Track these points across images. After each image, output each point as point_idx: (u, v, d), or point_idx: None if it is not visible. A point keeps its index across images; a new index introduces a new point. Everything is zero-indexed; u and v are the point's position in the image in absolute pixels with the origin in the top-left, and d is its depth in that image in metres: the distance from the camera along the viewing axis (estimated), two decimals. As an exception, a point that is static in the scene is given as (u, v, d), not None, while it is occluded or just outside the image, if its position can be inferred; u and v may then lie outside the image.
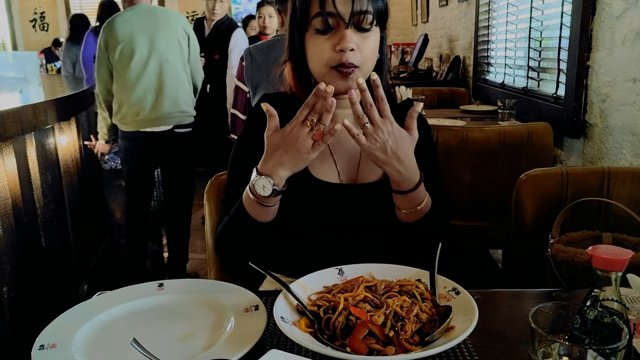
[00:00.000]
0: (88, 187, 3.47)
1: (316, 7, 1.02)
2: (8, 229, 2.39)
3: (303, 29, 1.07)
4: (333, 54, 1.02)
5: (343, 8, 1.00)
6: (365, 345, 0.73)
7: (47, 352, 0.76)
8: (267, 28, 3.97)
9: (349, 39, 1.01)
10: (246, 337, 0.78)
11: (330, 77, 1.04)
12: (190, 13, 9.30)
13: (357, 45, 1.02)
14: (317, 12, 1.01)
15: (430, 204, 1.06)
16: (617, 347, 0.59)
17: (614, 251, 0.69)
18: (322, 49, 1.03)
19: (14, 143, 2.39)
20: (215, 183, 1.39)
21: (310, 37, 1.05)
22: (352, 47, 1.01)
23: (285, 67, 1.15)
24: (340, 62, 1.02)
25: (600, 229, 1.39)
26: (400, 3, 8.61)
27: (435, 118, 2.92)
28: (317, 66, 1.06)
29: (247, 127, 1.19)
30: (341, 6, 1.00)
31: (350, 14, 1.00)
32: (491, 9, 3.73)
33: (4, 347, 2.26)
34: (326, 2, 1.01)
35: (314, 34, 1.04)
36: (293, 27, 1.09)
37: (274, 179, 0.97)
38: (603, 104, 2.15)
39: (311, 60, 1.07)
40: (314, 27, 1.04)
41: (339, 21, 1.01)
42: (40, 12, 9.85)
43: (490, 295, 0.96)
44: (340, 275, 0.91)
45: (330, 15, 1.01)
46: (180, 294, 0.94)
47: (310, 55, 1.07)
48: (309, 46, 1.06)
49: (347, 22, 1.01)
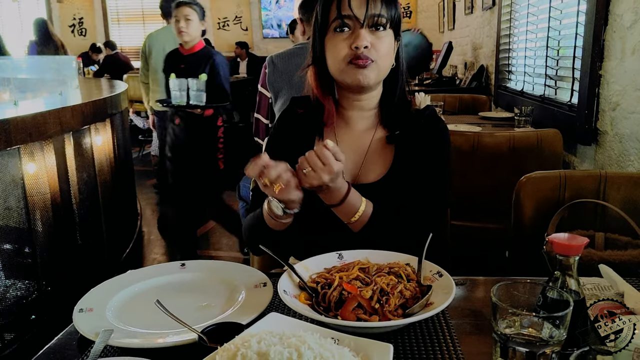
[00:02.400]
0: (120, 185, 3.63)
1: (334, 11, 1.15)
2: (47, 222, 2.56)
3: (323, 33, 1.20)
4: (349, 50, 1.14)
5: (358, 10, 1.14)
6: (355, 315, 0.84)
7: (85, 314, 0.90)
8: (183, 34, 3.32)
9: (363, 37, 1.13)
10: (254, 307, 0.90)
11: (347, 71, 1.16)
12: (222, 19, 9.54)
13: (372, 44, 1.14)
14: (335, 16, 1.15)
15: (370, 212, 1.12)
16: (561, 315, 0.69)
17: (571, 239, 0.79)
18: (340, 47, 1.16)
19: (54, 142, 2.56)
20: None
21: (330, 38, 1.18)
22: (366, 44, 1.13)
23: (308, 70, 1.27)
24: (356, 55, 1.14)
25: (595, 230, 1.47)
26: (428, 10, 8.70)
27: (453, 124, 3.01)
28: (335, 63, 1.18)
29: (277, 127, 1.35)
30: (357, 9, 1.14)
31: (364, 15, 1.13)
32: (513, 17, 3.80)
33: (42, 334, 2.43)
34: (342, 5, 1.14)
35: (332, 34, 1.17)
36: (315, 32, 1.22)
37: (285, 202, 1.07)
38: (613, 112, 2.22)
39: (330, 58, 1.19)
40: (333, 28, 1.17)
41: (355, 22, 1.14)
42: (79, 18, 10.23)
43: (476, 281, 1.06)
44: (340, 259, 1.03)
45: (347, 17, 1.14)
46: (199, 272, 1.08)
47: (329, 53, 1.19)
48: (328, 46, 1.19)
49: (362, 23, 1.13)
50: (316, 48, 1.23)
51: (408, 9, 8.87)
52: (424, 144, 1.25)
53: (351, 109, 1.27)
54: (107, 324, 0.88)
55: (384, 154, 1.24)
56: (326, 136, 1.27)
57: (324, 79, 1.24)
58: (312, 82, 1.27)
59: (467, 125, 2.99)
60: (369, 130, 1.28)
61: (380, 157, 1.24)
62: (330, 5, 1.16)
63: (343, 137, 1.27)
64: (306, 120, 1.28)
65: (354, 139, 1.27)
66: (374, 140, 1.27)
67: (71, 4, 9.92)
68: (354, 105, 1.26)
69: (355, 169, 1.25)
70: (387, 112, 1.27)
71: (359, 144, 1.27)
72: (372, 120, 1.28)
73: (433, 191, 1.21)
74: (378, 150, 1.26)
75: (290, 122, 1.32)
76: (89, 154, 3.06)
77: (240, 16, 9.49)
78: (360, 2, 1.14)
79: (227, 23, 9.57)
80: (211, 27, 9.57)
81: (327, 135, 1.27)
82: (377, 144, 1.27)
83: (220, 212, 3.84)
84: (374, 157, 1.24)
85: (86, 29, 10.28)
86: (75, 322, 0.88)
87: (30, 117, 2.39)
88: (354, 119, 1.28)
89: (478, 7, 4.89)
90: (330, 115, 1.26)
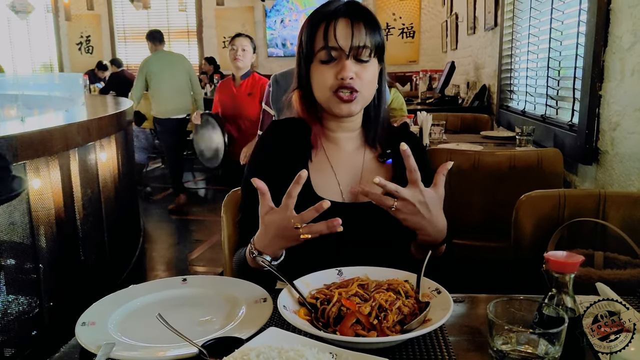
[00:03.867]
0: (124, 201, 3.66)
1: (320, 42, 1.17)
2: (50, 238, 2.58)
3: (309, 61, 1.22)
4: (335, 81, 1.17)
5: (344, 42, 1.16)
6: (353, 331, 0.85)
7: (87, 327, 0.91)
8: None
9: (348, 69, 1.15)
10: (254, 322, 0.91)
11: (333, 102, 1.19)
12: (227, 38, 9.65)
13: (357, 74, 1.17)
14: (321, 45, 1.17)
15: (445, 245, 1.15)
16: (555, 332, 0.70)
17: (567, 256, 0.80)
18: (326, 77, 1.18)
19: (59, 158, 2.59)
20: (232, 198, 1.53)
21: (316, 67, 1.20)
22: (351, 75, 1.16)
23: (293, 94, 1.30)
24: (342, 85, 1.16)
25: (595, 249, 1.47)
26: (431, 30, 8.79)
27: (454, 142, 3.03)
28: (321, 92, 1.20)
29: (257, 151, 1.32)
30: (342, 40, 1.16)
31: (349, 47, 1.16)
32: (514, 38, 3.84)
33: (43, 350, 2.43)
34: (329, 37, 1.16)
35: (318, 64, 1.19)
36: (300, 59, 1.24)
37: (270, 255, 1.07)
38: (614, 132, 2.23)
39: (316, 87, 1.22)
40: (319, 58, 1.19)
41: (341, 53, 1.17)
42: (86, 36, 10.37)
43: (475, 299, 1.07)
44: (340, 275, 1.04)
45: (333, 48, 1.16)
46: (200, 287, 1.09)
47: (315, 82, 1.22)
48: (314, 75, 1.21)
49: (348, 54, 1.16)
50: (302, 74, 1.25)
51: (411, 29, 8.96)
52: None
53: (338, 131, 1.29)
54: (109, 337, 0.89)
55: (380, 173, 1.26)
56: (315, 157, 1.27)
57: (310, 102, 1.26)
58: (298, 106, 1.29)
59: (468, 144, 3.01)
60: (359, 149, 1.30)
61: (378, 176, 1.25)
62: (315, 35, 1.18)
63: (335, 157, 1.28)
64: (292, 142, 1.28)
65: (346, 158, 1.29)
66: (365, 159, 1.29)
67: (79, 22, 10.06)
68: (340, 127, 1.28)
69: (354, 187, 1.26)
70: (373, 132, 1.29)
71: (352, 163, 1.29)
72: (359, 141, 1.31)
73: None
74: (374, 170, 1.27)
75: (274, 145, 1.29)
76: (94, 170, 3.09)
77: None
78: (346, 33, 1.16)
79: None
80: (216, 46, 9.68)
81: (317, 156, 1.27)
82: (370, 163, 1.29)
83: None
84: (371, 176, 1.24)
85: (93, 46, 10.41)
86: (78, 335, 0.89)
87: (37, 133, 2.42)
88: (342, 140, 1.30)
89: (480, 28, 4.94)
90: (318, 137, 1.27)
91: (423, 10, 8.89)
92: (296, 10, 9.27)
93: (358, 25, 1.16)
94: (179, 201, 5.35)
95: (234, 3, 9.34)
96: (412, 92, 7.08)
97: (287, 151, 1.27)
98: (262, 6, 9.23)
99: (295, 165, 1.21)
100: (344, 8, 1.19)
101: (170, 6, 9.86)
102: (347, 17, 1.17)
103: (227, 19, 9.55)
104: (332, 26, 1.16)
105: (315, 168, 1.25)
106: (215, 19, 9.61)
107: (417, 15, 8.92)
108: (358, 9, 1.20)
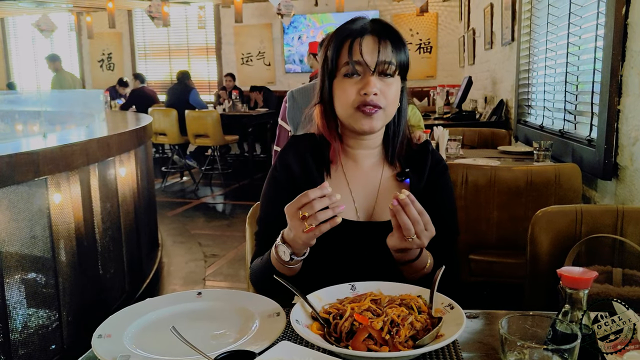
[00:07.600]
0: (142, 216, 3.70)
1: (345, 57, 1.17)
2: (70, 252, 2.61)
3: (332, 76, 1.21)
4: (358, 96, 1.16)
5: (369, 58, 1.16)
6: (365, 346, 0.86)
7: (104, 339, 0.93)
8: None
9: (373, 85, 1.15)
10: (267, 336, 0.92)
11: (355, 117, 1.18)
12: (245, 55, 9.77)
13: (381, 90, 1.16)
14: (346, 60, 1.17)
15: (432, 263, 1.14)
16: (568, 348, 0.69)
17: (581, 272, 0.80)
18: (349, 92, 1.17)
19: (79, 173, 2.64)
20: (255, 211, 1.54)
21: (339, 82, 1.20)
22: (375, 91, 1.15)
23: (315, 109, 1.30)
24: (364, 102, 1.15)
25: (613, 265, 1.45)
26: (449, 45, 8.80)
27: (471, 157, 3.02)
28: (343, 107, 1.19)
29: (276, 165, 1.32)
30: (368, 56, 1.16)
31: (375, 63, 1.15)
32: (531, 53, 3.83)
33: None
34: (354, 52, 1.16)
35: (342, 79, 1.19)
36: (324, 73, 1.23)
37: (292, 248, 1.09)
38: (633, 147, 2.21)
39: (338, 102, 1.21)
40: (343, 73, 1.18)
41: (365, 69, 1.16)
42: (107, 53, 10.58)
43: (488, 315, 1.06)
44: (353, 290, 1.04)
45: (358, 63, 1.16)
46: (215, 301, 1.10)
47: (337, 97, 1.21)
48: (336, 90, 1.20)
49: (373, 70, 1.16)
50: (324, 89, 1.24)
51: (429, 44, 8.98)
52: (433, 180, 1.27)
53: (358, 147, 1.28)
54: (125, 349, 0.91)
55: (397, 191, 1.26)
56: (334, 173, 1.27)
57: (331, 118, 1.25)
58: (319, 120, 1.28)
59: (486, 159, 2.99)
60: (377, 167, 1.29)
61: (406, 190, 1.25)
62: (341, 50, 1.18)
63: (352, 174, 1.28)
64: (311, 157, 1.28)
65: (363, 176, 1.28)
66: (383, 177, 1.28)
67: (101, 39, 10.28)
68: (360, 144, 1.27)
69: (369, 207, 1.26)
70: (392, 150, 1.28)
71: (369, 181, 1.28)
72: (378, 158, 1.30)
73: (449, 228, 1.22)
74: (391, 188, 1.26)
75: (293, 159, 1.29)
76: (113, 184, 3.13)
77: (263, 52, 9.70)
78: (372, 49, 1.15)
79: (251, 58, 9.78)
80: (235, 63, 9.80)
81: (335, 172, 1.28)
82: (387, 182, 1.28)
83: None
84: (388, 195, 1.24)
85: (114, 63, 10.61)
86: (94, 348, 0.91)
87: (58, 149, 2.47)
88: (360, 156, 1.29)
89: (497, 43, 4.94)
90: (337, 153, 1.27)
91: (440, 26, 8.91)
92: (313, 26, 9.35)
93: (385, 42, 1.16)
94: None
95: (252, 20, 9.47)
96: (429, 107, 7.08)
97: (305, 166, 1.27)
98: (279, 23, 9.33)
99: (314, 181, 1.22)
100: (371, 26, 1.19)
101: (190, 24, 10.03)
102: (374, 35, 1.17)
103: (246, 36, 9.68)
104: (358, 42, 1.16)
105: (332, 184, 1.24)
106: (234, 36, 9.74)
107: (434, 30, 8.93)
108: (384, 26, 1.20)
